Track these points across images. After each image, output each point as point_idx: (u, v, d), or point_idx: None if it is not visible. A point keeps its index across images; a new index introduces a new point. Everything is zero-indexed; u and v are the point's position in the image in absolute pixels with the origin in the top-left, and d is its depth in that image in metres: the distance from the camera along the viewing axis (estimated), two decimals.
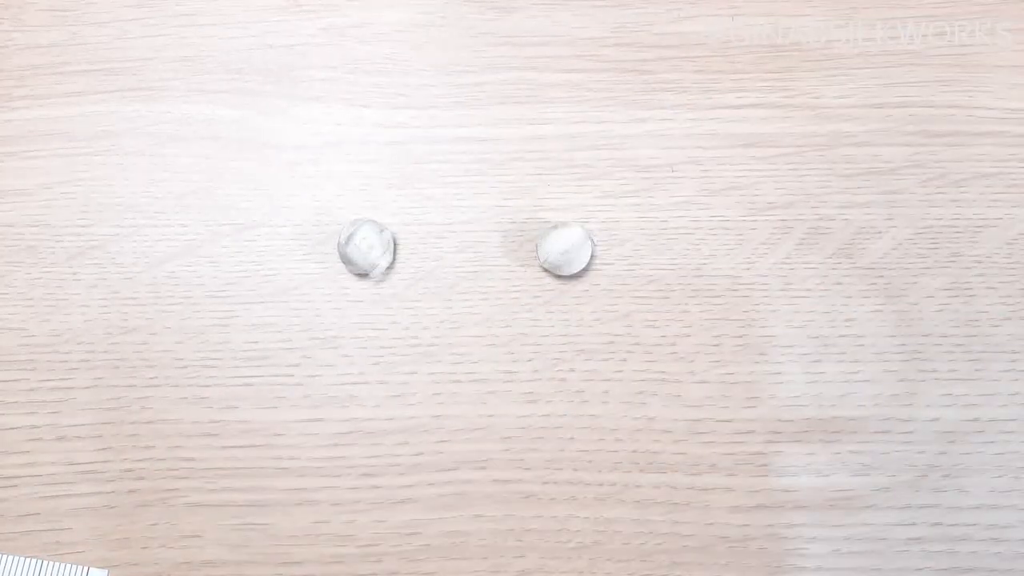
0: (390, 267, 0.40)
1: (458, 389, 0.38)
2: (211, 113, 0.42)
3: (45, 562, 0.36)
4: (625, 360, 0.37)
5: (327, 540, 0.36)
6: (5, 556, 0.35)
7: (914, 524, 0.34)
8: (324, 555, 0.36)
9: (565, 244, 0.38)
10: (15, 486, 0.36)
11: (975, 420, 0.36)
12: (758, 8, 0.44)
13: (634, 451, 0.36)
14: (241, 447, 0.37)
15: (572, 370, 0.37)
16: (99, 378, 0.38)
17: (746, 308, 0.38)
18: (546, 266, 0.39)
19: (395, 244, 0.40)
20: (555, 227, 0.39)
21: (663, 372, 0.37)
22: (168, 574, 0.36)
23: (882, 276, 0.39)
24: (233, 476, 0.37)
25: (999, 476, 0.35)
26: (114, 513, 0.37)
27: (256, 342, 0.39)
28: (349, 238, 0.38)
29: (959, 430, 0.36)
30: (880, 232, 0.40)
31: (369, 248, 0.38)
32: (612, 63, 0.43)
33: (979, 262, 0.39)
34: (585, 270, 0.39)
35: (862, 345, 0.37)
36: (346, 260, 0.38)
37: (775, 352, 0.37)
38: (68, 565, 0.36)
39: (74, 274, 0.39)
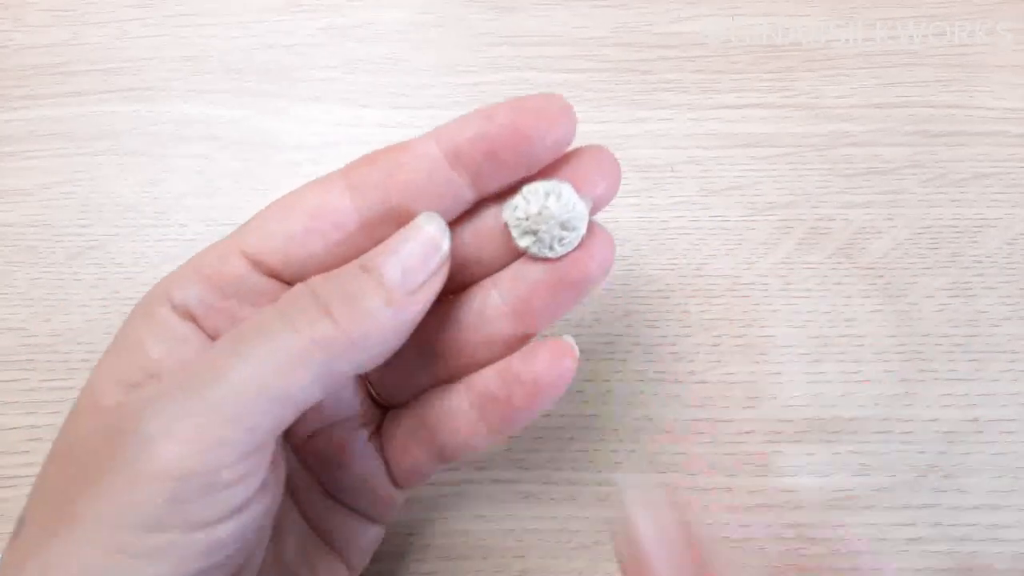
0: None
1: None
2: (211, 113, 0.42)
3: None
4: (625, 360, 0.37)
5: None
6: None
7: (914, 524, 0.34)
8: None
9: None
10: (15, 486, 0.36)
11: (975, 420, 0.36)
12: (758, 8, 0.44)
13: (634, 451, 0.36)
14: None
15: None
16: None
17: (746, 308, 0.38)
18: None
19: None
20: None
21: (663, 372, 0.37)
22: None
23: (882, 276, 0.39)
24: None
25: (999, 476, 0.35)
26: None
27: None
28: None
29: (959, 430, 0.36)
30: (880, 232, 0.40)
31: None
32: (612, 63, 0.43)
33: (979, 262, 0.39)
34: None
35: (862, 345, 0.37)
36: None
37: (775, 352, 0.37)
38: None
39: (74, 274, 0.39)
